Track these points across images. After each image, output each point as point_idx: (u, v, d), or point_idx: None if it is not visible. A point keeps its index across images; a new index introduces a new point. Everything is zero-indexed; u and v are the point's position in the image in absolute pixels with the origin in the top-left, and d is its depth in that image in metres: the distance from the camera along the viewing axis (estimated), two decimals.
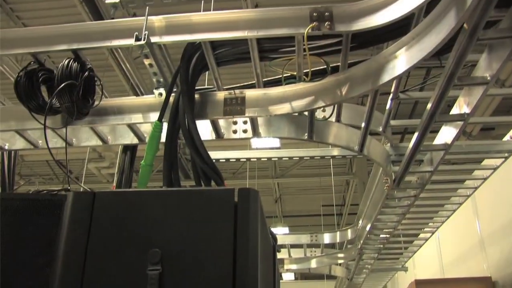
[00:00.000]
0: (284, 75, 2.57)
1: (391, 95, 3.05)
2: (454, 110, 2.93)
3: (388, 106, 3.20)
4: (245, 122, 2.96)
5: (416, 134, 3.16)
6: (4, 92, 3.59)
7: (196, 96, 2.58)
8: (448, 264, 8.21)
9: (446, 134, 3.29)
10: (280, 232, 9.31)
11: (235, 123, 2.99)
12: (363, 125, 3.00)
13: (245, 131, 2.96)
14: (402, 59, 2.27)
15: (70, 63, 2.35)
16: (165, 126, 2.43)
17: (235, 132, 2.97)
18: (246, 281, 1.36)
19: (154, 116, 2.62)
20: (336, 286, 11.01)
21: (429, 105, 2.77)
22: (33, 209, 1.62)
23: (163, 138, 2.40)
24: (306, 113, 2.85)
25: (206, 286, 1.37)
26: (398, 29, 2.31)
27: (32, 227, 1.59)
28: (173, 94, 2.51)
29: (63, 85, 2.27)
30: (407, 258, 8.64)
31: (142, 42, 2.28)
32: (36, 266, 1.53)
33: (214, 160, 2.29)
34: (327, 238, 7.30)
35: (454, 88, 2.59)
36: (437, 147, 3.42)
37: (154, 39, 2.32)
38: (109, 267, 1.44)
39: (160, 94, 2.59)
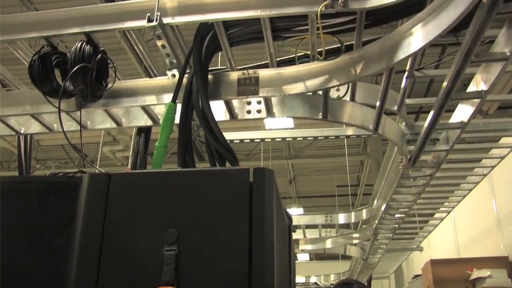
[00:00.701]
0: (298, 54, 2.54)
1: (406, 73, 3.01)
2: (471, 88, 2.89)
3: (403, 85, 3.16)
4: (259, 102, 2.94)
5: (431, 113, 3.12)
6: (19, 78, 3.61)
7: (210, 76, 2.56)
8: (464, 244, 8.18)
9: (463, 112, 3.25)
10: (295, 212, 9.32)
11: (249, 103, 2.97)
12: (378, 104, 2.97)
13: (259, 111, 2.94)
14: (417, 36, 2.22)
15: (83, 46, 2.35)
16: (178, 107, 2.43)
17: (249, 112, 2.95)
18: (263, 260, 1.36)
19: (167, 98, 2.61)
20: (351, 266, 11.04)
21: (445, 83, 2.73)
22: (49, 191, 1.63)
23: (177, 120, 2.40)
24: (320, 92, 2.83)
25: (222, 265, 1.37)
26: (414, 5, 2.26)
27: (49, 209, 1.60)
28: (186, 75, 2.50)
29: (76, 68, 2.27)
30: (422, 238, 8.64)
31: (154, 23, 2.26)
32: (54, 246, 1.54)
33: (228, 141, 2.28)
34: (342, 218, 7.31)
35: (471, 65, 2.54)
36: (453, 125, 3.39)
37: (166, 20, 2.30)
38: (126, 248, 1.45)
39: (174, 75, 2.58)
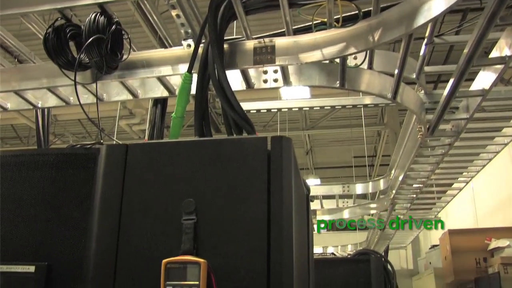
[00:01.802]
0: (314, 22, 2.49)
1: (426, 39, 2.94)
2: (494, 54, 2.82)
3: (422, 52, 3.09)
4: (275, 71, 2.89)
5: (451, 80, 3.06)
6: (35, 53, 3.61)
7: (225, 46, 2.53)
8: (482, 214, 8.13)
9: (484, 79, 3.18)
10: (312, 183, 9.33)
11: (265, 72, 2.93)
12: (396, 71, 2.92)
13: (275, 80, 2.90)
14: (438, 0, 2.16)
15: (97, 17, 2.33)
16: (194, 77, 2.40)
17: (265, 81, 2.92)
18: (281, 228, 1.36)
19: (183, 68, 2.59)
20: (368, 237, 11.08)
21: (466, 50, 2.67)
22: (68, 163, 1.63)
23: (193, 90, 2.38)
24: (337, 60, 2.78)
25: (241, 234, 1.37)
26: None
27: (68, 181, 1.61)
28: (201, 45, 2.47)
29: (91, 39, 2.25)
30: (440, 209, 8.59)
31: None
32: (74, 217, 1.56)
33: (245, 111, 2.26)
34: (359, 188, 7.30)
35: (495, 30, 2.47)
36: (474, 93, 3.32)
37: None
38: (144, 218, 1.45)
39: (189, 45, 2.56)
